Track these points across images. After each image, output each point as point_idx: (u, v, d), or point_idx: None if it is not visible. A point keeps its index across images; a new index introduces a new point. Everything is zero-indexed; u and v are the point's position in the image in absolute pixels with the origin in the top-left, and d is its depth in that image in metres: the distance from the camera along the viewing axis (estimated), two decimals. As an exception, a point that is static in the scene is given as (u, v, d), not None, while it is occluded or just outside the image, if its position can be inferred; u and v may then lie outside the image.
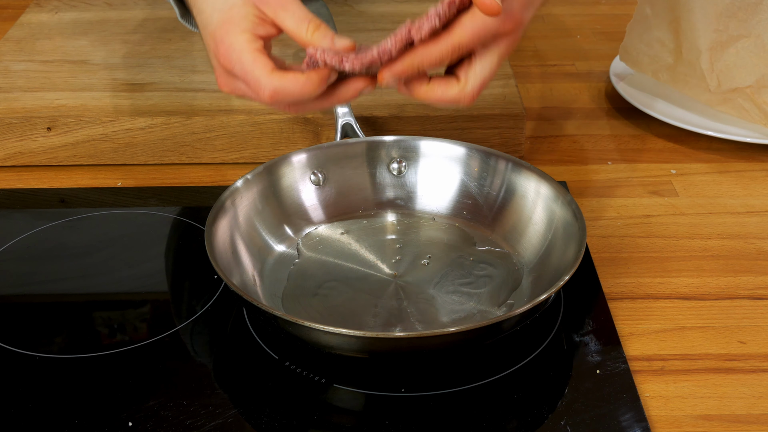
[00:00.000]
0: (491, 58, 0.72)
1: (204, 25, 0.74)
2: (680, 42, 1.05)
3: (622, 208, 0.93)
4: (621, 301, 0.80)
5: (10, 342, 0.76)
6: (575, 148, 1.04)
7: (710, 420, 0.68)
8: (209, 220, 0.78)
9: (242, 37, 0.71)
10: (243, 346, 0.75)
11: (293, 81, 0.70)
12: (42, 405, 0.70)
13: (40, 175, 1.00)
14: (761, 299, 0.80)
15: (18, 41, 1.16)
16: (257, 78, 0.70)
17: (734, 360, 0.74)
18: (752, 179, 0.98)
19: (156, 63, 1.10)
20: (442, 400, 0.70)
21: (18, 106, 1.01)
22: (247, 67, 0.70)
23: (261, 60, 0.70)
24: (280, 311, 0.69)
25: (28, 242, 0.89)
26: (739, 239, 0.88)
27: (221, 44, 0.71)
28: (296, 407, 0.69)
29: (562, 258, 0.76)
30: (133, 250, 0.88)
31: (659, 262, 0.85)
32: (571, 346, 0.75)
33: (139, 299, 0.83)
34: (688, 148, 1.03)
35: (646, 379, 0.72)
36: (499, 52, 0.72)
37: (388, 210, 0.89)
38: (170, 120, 0.98)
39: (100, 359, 0.74)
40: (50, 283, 0.84)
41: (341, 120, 0.92)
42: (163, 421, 0.68)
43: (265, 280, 0.80)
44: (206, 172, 1.00)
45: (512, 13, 0.71)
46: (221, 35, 0.71)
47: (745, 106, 1.02)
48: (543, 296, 0.69)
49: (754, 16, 0.99)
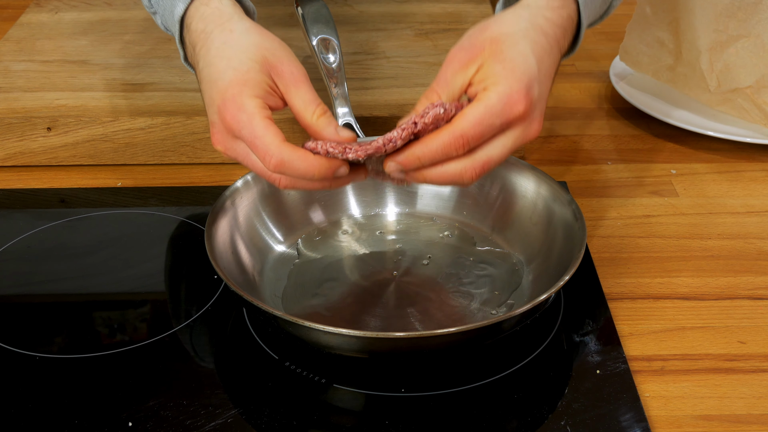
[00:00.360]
0: (504, 141, 0.69)
1: (212, 78, 0.72)
2: (680, 42, 1.05)
3: (622, 208, 0.93)
4: (621, 301, 0.80)
5: (10, 342, 0.76)
6: (575, 148, 1.04)
7: (710, 420, 0.68)
8: (209, 220, 0.78)
9: (254, 101, 0.69)
10: (243, 346, 0.75)
11: (303, 158, 0.69)
12: (42, 405, 0.70)
13: (40, 175, 1.00)
14: (761, 299, 0.80)
15: (18, 41, 1.16)
16: (267, 144, 0.68)
17: (734, 360, 0.74)
18: (752, 179, 0.98)
19: (156, 63, 1.10)
20: (442, 400, 0.70)
21: (18, 106, 1.01)
22: (257, 132, 0.68)
23: (272, 128, 0.69)
24: (280, 311, 0.69)
25: (28, 242, 0.89)
26: (739, 239, 0.88)
27: (231, 103, 0.69)
28: (296, 407, 0.69)
29: (562, 258, 0.76)
30: (133, 250, 0.88)
31: (659, 262, 0.85)
32: (571, 346, 0.75)
33: (139, 299, 0.83)
34: (688, 148, 1.03)
35: (646, 379, 0.72)
36: (513, 136, 0.69)
37: (388, 210, 0.89)
38: (170, 120, 0.98)
39: (100, 359, 0.74)
40: (50, 283, 0.84)
41: (341, 120, 0.91)
42: (163, 421, 0.68)
43: (265, 280, 0.80)
44: (206, 172, 1.00)
45: (519, 95, 0.68)
46: (232, 94, 0.70)
47: (745, 106, 1.02)
48: (543, 296, 0.69)
49: (754, 16, 0.99)
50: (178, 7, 0.77)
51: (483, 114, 0.67)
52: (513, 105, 0.68)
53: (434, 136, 0.68)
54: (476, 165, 0.69)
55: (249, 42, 0.72)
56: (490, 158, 0.69)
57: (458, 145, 0.68)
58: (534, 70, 0.69)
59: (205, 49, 0.73)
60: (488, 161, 0.69)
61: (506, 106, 0.67)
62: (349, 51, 1.12)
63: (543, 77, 0.70)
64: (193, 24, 0.76)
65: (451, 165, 0.69)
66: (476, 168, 0.69)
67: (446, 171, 0.69)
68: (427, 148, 0.68)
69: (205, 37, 0.74)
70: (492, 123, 0.68)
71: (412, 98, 1.02)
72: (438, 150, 0.68)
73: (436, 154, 0.68)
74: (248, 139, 0.69)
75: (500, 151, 0.69)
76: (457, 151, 0.68)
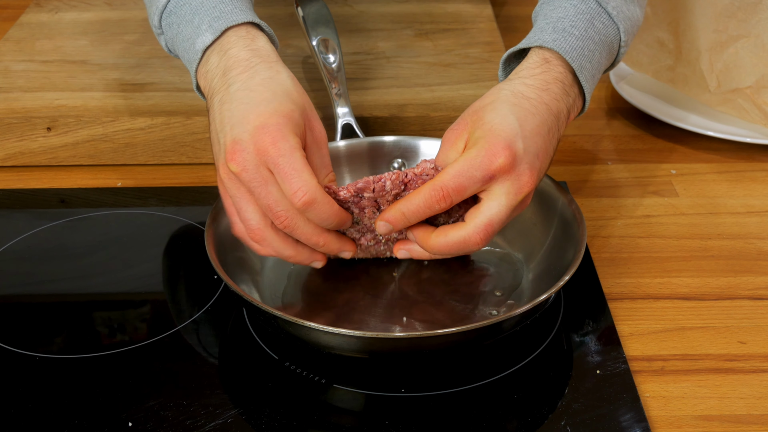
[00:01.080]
0: (498, 199, 0.70)
1: (252, 101, 0.71)
2: (680, 42, 1.05)
3: (622, 208, 0.93)
4: (621, 301, 0.80)
5: (10, 342, 0.76)
6: (575, 148, 1.04)
7: (710, 420, 0.68)
8: (209, 220, 0.78)
9: (295, 139, 0.70)
10: (243, 346, 0.75)
11: (329, 203, 0.70)
12: (42, 405, 0.70)
13: (40, 175, 1.00)
14: (761, 299, 0.80)
15: (18, 41, 1.16)
16: (305, 180, 0.69)
17: (734, 360, 0.74)
18: (752, 179, 0.98)
19: (156, 63, 1.10)
20: (442, 400, 0.70)
21: (18, 106, 1.01)
22: (297, 165, 0.69)
23: (309, 168, 0.70)
24: (280, 311, 0.69)
25: (28, 242, 0.89)
26: (739, 239, 0.88)
27: (275, 129, 0.69)
28: (296, 407, 0.69)
29: (562, 258, 0.76)
30: (133, 250, 0.88)
31: (659, 262, 0.85)
32: (571, 346, 0.75)
33: (139, 299, 0.83)
34: (688, 148, 1.03)
35: (646, 379, 0.72)
36: (505, 191, 0.70)
37: (388, 210, 0.89)
38: (170, 120, 0.98)
39: (100, 359, 0.74)
40: (50, 283, 0.84)
41: (341, 120, 0.92)
42: (163, 421, 0.68)
43: (265, 280, 0.80)
44: (206, 172, 1.00)
45: (497, 147, 0.70)
46: (277, 122, 0.70)
47: (745, 107, 1.02)
48: (543, 296, 0.69)
49: (753, 16, 0.99)
50: (203, 37, 0.77)
51: (462, 166, 0.70)
52: (492, 156, 0.69)
53: (416, 192, 0.71)
54: (478, 228, 0.70)
55: (293, 88, 0.74)
56: (491, 219, 0.71)
57: (438, 197, 0.70)
58: (514, 127, 0.71)
59: (246, 75, 0.74)
60: (489, 223, 0.71)
61: (485, 158, 0.70)
62: (349, 51, 1.12)
63: (529, 134, 0.72)
64: (233, 50, 0.76)
65: (454, 233, 0.71)
66: (479, 232, 0.70)
67: (450, 239, 0.72)
68: (410, 202, 0.71)
69: (247, 65, 0.74)
70: (472, 175, 0.69)
71: (412, 98, 1.02)
72: (420, 203, 0.70)
73: (419, 208, 0.71)
74: (285, 169, 0.69)
75: (497, 209, 0.71)
76: (439, 204, 0.70)
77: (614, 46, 0.81)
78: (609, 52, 0.81)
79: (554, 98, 0.76)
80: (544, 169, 0.74)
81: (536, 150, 0.72)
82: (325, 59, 0.93)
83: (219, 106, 0.74)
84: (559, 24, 0.78)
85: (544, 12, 0.81)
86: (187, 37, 0.79)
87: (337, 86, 0.92)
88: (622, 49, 0.82)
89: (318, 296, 0.79)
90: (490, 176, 0.70)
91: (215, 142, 0.73)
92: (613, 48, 0.81)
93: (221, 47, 0.77)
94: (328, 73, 0.93)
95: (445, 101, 1.01)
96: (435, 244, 0.72)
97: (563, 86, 0.77)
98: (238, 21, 0.77)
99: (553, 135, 0.75)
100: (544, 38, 0.78)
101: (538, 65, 0.77)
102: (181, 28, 0.80)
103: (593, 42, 0.78)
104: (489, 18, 1.21)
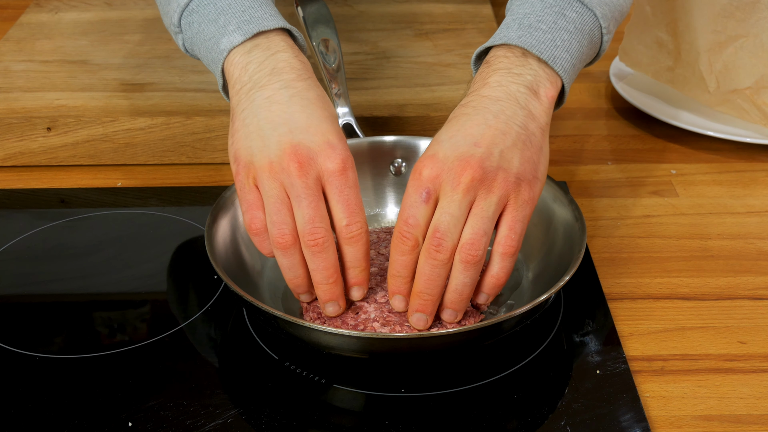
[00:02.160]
0: (475, 216, 0.68)
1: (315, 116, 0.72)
2: (679, 43, 1.05)
3: (622, 208, 0.93)
4: (621, 301, 0.80)
5: (10, 342, 0.76)
6: (575, 148, 1.04)
7: (710, 420, 0.68)
8: (209, 220, 0.78)
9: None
10: (243, 346, 0.75)
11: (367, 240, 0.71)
12: (42, 405, 0.70)
13: (40, 175, 1.00)
14: (761, 299, 0.80)
15: (18, 41, 1.16)
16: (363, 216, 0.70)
17: (734, 360, 0.74)
18: (752, 179, 0.98)
19: (156, 63, 1.10)
20: (442, 401, 0.70)
21: (18, 106, 1.01)
22: (359, 201, 0.70)
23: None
24: (280, 311, 0.69)
25: (28, 242, 0.89)
26: (739, 239, 0.88)
27: (348, 158, 0.70)
28: (296, 407, 0.69)
29: (562, 258, 0.76)
30: (133, 250, 0.88)
31: (659, 262, 0.85)
32: (571, 346, 0.75)
33: (139, 299, 0.83)
34: (688, 148, 1.03)
35: (646, 379, 0.72)
36: (468, 201, 0.68)
37: (388, 210, 0.89)
38: (170, 120, 0.98)
39: (100, 359, 0.74)
40: (50, 283, 0.84)
41: (341, 120, 0.92)
42: (163, 421, 0.68)
43: (265, 280, 0.80)
44: (206, 172, 1.00)
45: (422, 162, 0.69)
46: (347, 150, 0.70)
47: (745, 107, 1.02)
48: (543, 297, 0.69)
49: (752, 16, 0.99)
50: (231, 37, 0.76)
51: (404, 199, 0.69)
52: (419, 170, 0.69)
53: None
54: (462, 254, 0.68)
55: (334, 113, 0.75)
56: (474, 234, 0.68)
57: (401, 233, 0.68)
58: (438, 138, 0.71)
59: (302, 85, 0.73)
60: (472, 238, 0.68)
61: (413, 174, 0.69)
62: (349, 51, 1.12)
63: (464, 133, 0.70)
64: (283, 55, 0.75)
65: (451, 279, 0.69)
66: (464, 254, 0.68)
67: (450, 286, 0.70)
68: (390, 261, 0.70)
69: (299, 75, 0.74)
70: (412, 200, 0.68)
71: (412, 98, 1.02)
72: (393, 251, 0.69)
73: (394, 255, 0.69)
74: (349, 199, 0.70)
75: (479, 224, 0.68)
76: (404, 244, 0.68)
77: (595, 33, 0.78)
78: (590, 40, 0.78)
79: (498, 84, 0.73)
80: (518, 144, 0.70)
81: (504, 144, 0.69)
82: (325, 59, 0.93)
83: (267, 104, 0.72)
84: (525, 20, 0.76)
85: (512, 8, 0.79)
86: (209, 36, 0.78)
87: (337, 86, 0.92)
88: (605, 36, 0.79)
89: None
90: (432, 191, 0.68)
91: (256, 137, 0.71)
92: (594, 35, 0.78)
93: (267, 46, 0.76)
94: (328, 73, 0.93)
95: (445, 101, 1.01)
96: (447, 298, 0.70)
97: (508, 68, 0.74)
98: (270, 26, 0.77)
99: (516, 116, 0.71)
100: (509, 35, 0.75)
101: (485, 64, 0.76)
102: (203, 27, 0.79)
103: (567, 32, 0.75)
104: (489, 18, 1.21)
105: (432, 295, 0.69)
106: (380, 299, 0.75)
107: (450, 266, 0.69)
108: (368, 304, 0.74)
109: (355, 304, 0.74)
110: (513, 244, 0.69)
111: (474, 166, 0.68)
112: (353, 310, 0.73)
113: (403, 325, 0.72)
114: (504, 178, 0.69)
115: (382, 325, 0.72)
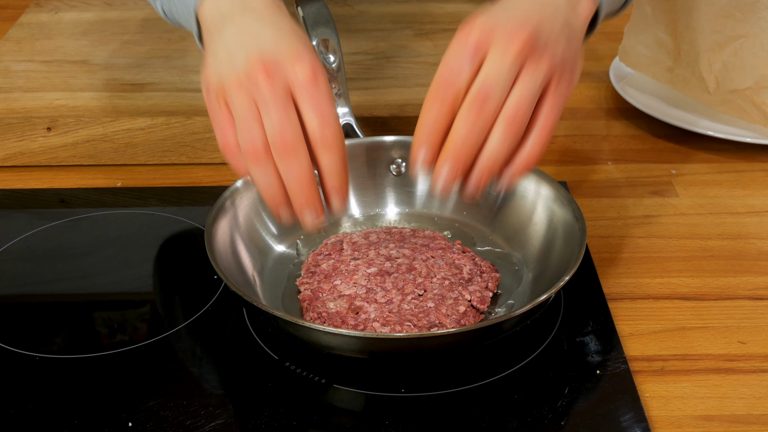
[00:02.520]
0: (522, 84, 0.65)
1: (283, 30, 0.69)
2: (679, 43, 1.05)
3: (622, 208, 0.93)
4: (621, 301, 0.80)
5: (10, 342, 0.76)
6: (575, 148, 1.04)
7: (710, 420, 0.68)
8: (209, 220, 0.78)
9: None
10: (243, 346, 0.75)
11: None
12: (42, 405, 0.70)
13: (40, 175, 1.00)
14: (761, 299, 0.80)
15: (18, 41, 1.16)
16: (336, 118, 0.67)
17: (734, 360, 0.74)
18: (752, 179, 0.98)
19: (156, 63, 1.10)
20: (442, 401, 0.70)
21: (18, 106, 1.01)
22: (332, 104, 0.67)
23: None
24: (280, 311, 0.69)
25: (28, 242, 0.89)
26: (739, 239, 0.88)
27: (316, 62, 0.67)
28: (296, 407, 0.69)
29: (562, 258, 0.76)
30: (133, 250, 0.88)
31: (659, 262, 0.85)
32: (571, 347, 0.75)
33: (139, 299, 0.83)
34: (688, 148, 1.03)
35: (646, 379, 0.72)
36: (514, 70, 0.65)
37: (388, 210, 0.89)
38: (170, 120, 0.98)
39: (100, 359, 0.74)
40: (50, 283, 0.84)
41: (341, 120, 0.92)
42: (163, 421, 0.68)
43: (265, 280, 0.80)
44: (206, 172, 1.00)
45: (471, 23, 0.66)
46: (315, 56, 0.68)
47: (745, 107, 1.02)
48: (543, 297, 0.69)
49: (751, 15, 0.99)
50: None
51: (447, 51, 0.67)
52: (470, 24, 0.66)
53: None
54: (507, 114, 0.65)
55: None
56: (521, 97, 0.65)
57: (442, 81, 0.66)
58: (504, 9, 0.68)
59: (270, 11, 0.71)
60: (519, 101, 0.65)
61: (462, 28, 0.66)
62: (349, 51, 1.12)
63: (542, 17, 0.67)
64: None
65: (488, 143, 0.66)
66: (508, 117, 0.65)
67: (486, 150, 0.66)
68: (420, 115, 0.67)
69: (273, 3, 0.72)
70: (458, 52, 0.66)
71: (412, 98, 1.02)
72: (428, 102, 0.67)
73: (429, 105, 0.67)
74: (320, 101, 0.66)
75: (527, 89, 0.65)
76: (445, 88, 0.66)
77: None
78: None
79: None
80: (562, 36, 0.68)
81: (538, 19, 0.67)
82: (325, 59, 0.93)
83: (238, 33, 0.70)
84: None
85: None
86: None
87: (337, 86, 0.92)
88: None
89: (318, 296, 0.79)
90: (477, 50, 0.66)
91: (225, 62, 0.69)
92: None
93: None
94: (328, 73, 0.93)
95: (445, 101, 1.01)
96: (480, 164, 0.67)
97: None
98: None
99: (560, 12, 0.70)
100: None
101: None
102: None
103: None
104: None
105: (466, 156, 0.66)
106: (380, 299, 0.75)
107: (488, 131, 0.66)
108: (368, 304, 0.74)
109: (354, 304, 0.74)
110: (550, 124, 0.67)
111: (529, 33, 0.66)
112: (353, 310, 0.74)
113: (403, 324, 0.72)
114: (551, 56, 0.67)
115: (382, 325, 0.72)
